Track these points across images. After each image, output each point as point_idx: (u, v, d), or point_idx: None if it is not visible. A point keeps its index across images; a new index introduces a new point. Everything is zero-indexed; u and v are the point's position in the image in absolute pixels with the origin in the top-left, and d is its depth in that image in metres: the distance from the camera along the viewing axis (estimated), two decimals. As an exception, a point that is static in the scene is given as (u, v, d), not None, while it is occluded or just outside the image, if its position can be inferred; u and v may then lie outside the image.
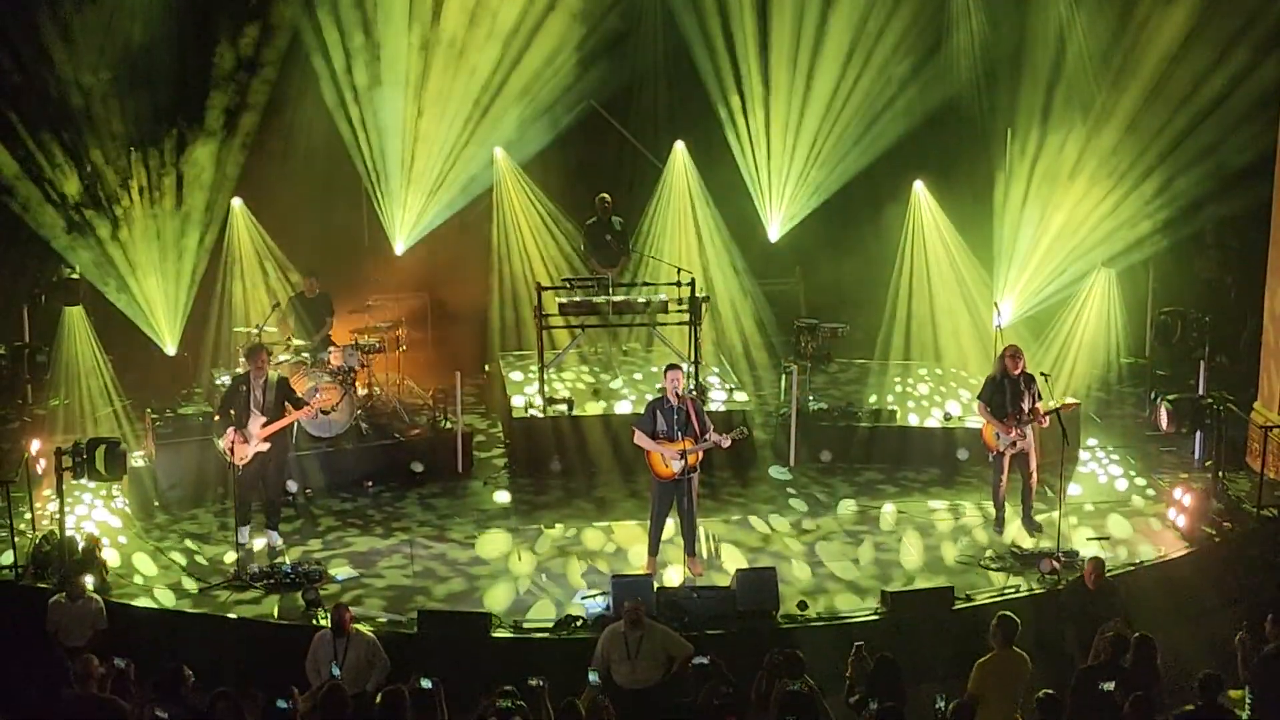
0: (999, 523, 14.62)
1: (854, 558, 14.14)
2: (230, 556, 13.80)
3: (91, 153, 17.01)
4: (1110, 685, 10.30)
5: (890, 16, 18.40)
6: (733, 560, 14.00)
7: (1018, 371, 14.31)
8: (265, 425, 13.83)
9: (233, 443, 13.78)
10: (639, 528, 14.35)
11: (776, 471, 16.12)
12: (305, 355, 16.24)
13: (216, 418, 14.39)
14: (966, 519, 15.02)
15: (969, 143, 19.28)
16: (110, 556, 13.73)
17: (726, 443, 13.45)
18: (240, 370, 14.58)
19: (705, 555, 13.96)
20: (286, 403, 14.02)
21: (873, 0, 18.32)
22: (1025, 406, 14.23)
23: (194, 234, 17.37)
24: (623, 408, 16.47)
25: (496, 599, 13.26)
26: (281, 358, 16.14)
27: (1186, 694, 10.76)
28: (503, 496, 15.68)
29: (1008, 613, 11.08)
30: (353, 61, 17.72)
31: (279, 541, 14.33)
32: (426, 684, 10.21)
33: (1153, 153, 17.22)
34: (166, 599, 13.18)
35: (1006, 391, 14.29)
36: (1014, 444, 14.30)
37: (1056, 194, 17.63)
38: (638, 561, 13.88)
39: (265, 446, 13.89)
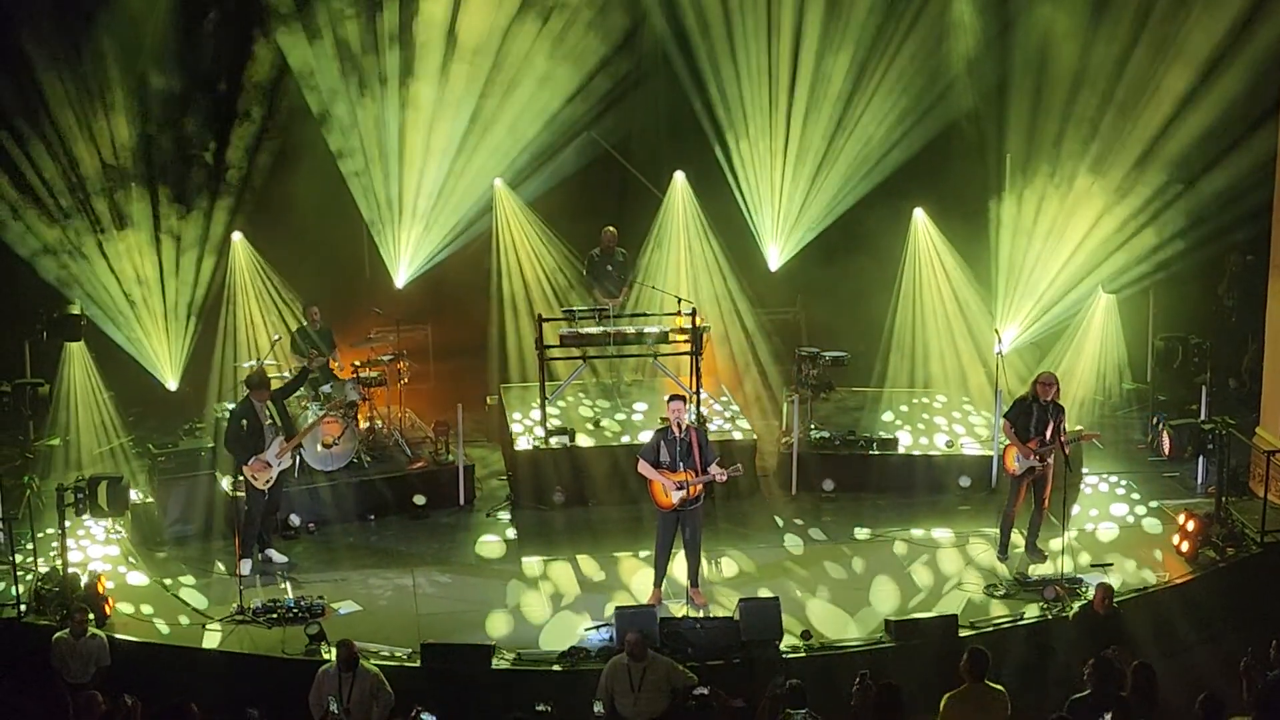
0: (1003, 548, 14.59)
1: (859, 586, 14.13)
2: (233, 591, 13.73)
3: (93, 187, 17.06)
4: (1109, 717, 10.22)
5: (888, 43, 18.43)
6: (736, 588, 13.98)
7: (1049, 399, 14.30)
8: (286, 441, 14.32)
9: (255, 470, 14.07)
10: (642, 559, 14.33)
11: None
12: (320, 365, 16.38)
13: (233, 455, 14.45)
14: (970, 546, 15.00)
15: (968, 169, 19.29)
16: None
17: (723, 478, 13.42)
18: (235, 404, 14.72)
19: (707, 581, 13.96)
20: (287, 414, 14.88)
21: (870, 28, 18.36)
22: (1048, 434, 14.22)
23: (194, 269, 17.44)
24: (624, 439, 16.47)
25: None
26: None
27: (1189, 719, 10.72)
28: (505, 530, 15.66)
29: (979, 646, 10.83)
30: (353, 96, 17.81)
31: (282, 558, 14.51)
32: (427, 718, 10.21)
33: (1153, 177, 17.24)
34: (170, 635, 13.14)
35: (1034, 415, 14.25)
36: (1032, 469, 14.29)
37: (1056, 219, 17.65)
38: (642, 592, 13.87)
39: (289, 461, 14.42)
